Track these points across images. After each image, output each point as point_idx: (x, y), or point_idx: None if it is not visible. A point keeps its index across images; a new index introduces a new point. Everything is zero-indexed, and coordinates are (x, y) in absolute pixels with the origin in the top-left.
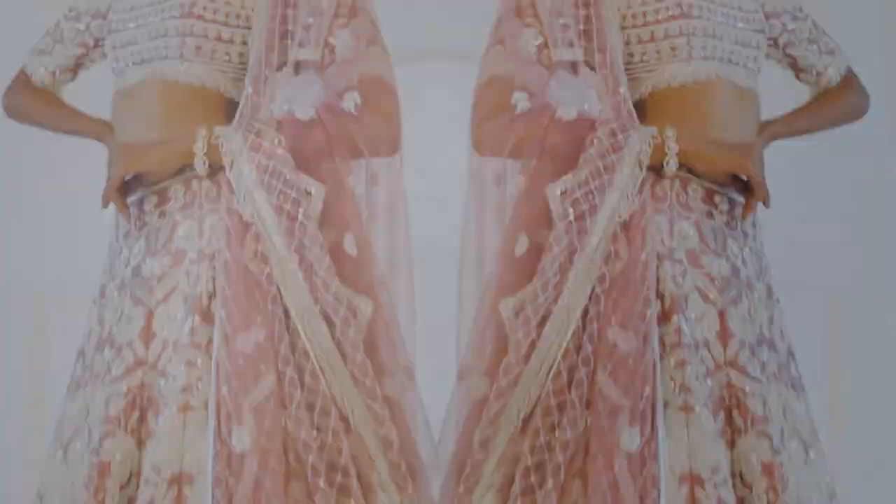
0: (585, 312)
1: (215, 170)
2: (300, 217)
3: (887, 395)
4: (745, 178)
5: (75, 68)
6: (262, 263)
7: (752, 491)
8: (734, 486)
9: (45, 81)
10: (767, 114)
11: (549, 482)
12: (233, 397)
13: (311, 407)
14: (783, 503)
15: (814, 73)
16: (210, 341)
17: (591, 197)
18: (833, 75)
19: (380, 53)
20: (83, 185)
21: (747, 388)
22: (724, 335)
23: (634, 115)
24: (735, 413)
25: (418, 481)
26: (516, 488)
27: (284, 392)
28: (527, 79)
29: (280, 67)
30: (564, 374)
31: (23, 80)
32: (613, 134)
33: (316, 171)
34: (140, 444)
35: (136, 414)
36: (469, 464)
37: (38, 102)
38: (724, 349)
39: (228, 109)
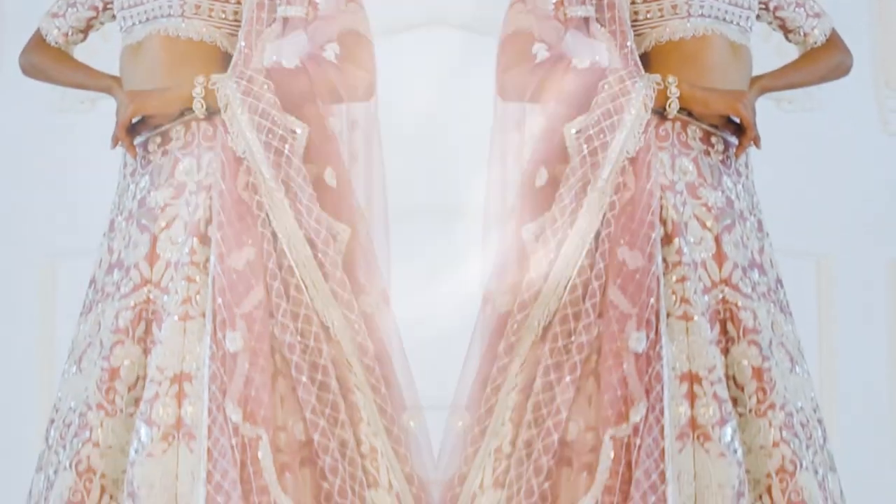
0: (598, 235)
1: (212, 113)
2: (286, 153)
3: (875, 358)
4: (738, 120)
5: (86, 29)
6: (252, 193)
7: (743, 391)
8: (728, 387)
9: (59, 41)
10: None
11: (567, 378)
12: (227, 307)
13: (295, 316)
14: (771, 402)
15: (801, 33)
16: (207, 260)
17: (602, 135)
18: (819, 36)
19: (357, 10)
20: (90, 153)
21: (740, 303)
22: (720, 257)
23: (640, 65)
24: (729, 325)
25: (392, 387)
26: (537, 385)
27: (272, 302)
28: (545, 32)
29: (270, 23)
30: (580, 287)
31: (38, 41)
32: (622, 80)
33: (300, 113)
34: (146, 352)
35: (143, 326)
36: (495, 368)
37: (52, 60)
38: (720, 269)
39: (223, 61)
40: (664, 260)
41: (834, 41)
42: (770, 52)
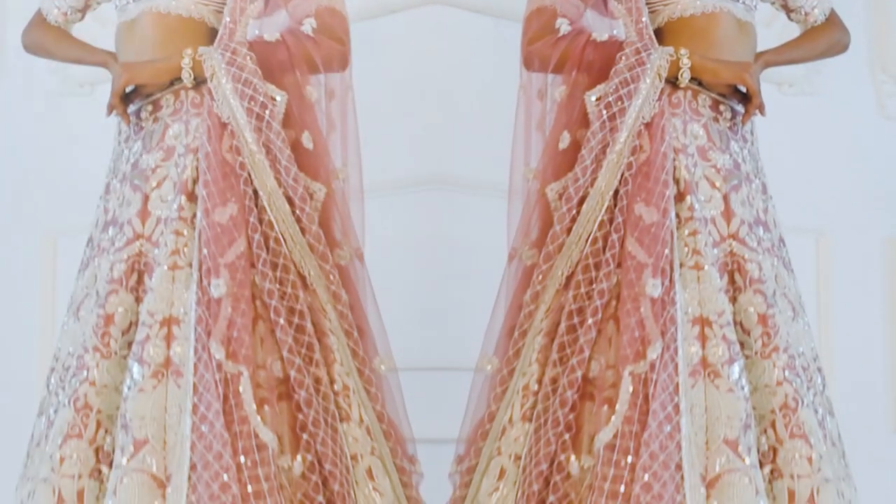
0: (616, 192)
1: (199, 82)
2: (267, 118)
3: (871, 331)
4: (744, 90)
5: (84, 9)
6: (235, 154)
7: (749, 336)
8: (735, 331)
9: (58, 20)
10: None
11: (589, 321)
12: (212, 257)
13: (274, 266)
14: (775, 345)
15: (802, 13)
16: (194, 216)
17: (620, 102)
18: (819, 15)
19: None
20: (88, 135)
21: (746, 256)
22: (727, 214)
23: (654, 39)
24: (736, 275)
25: (365, 334)
26: (562, 328)
27: (253, 253)
28: (567, 8)
29: (253, 1)
30: (600, 240)
31: (39, 20)
32: (638, 52)
33: (280, 82)
34: (138, 300)
35: (135, 276)
36: (522, 315)
37: (52, 38)
38: (728, 225)
39: (210, 35)
40: (677, 215)
41: (833, 20)
42: (772, 36)
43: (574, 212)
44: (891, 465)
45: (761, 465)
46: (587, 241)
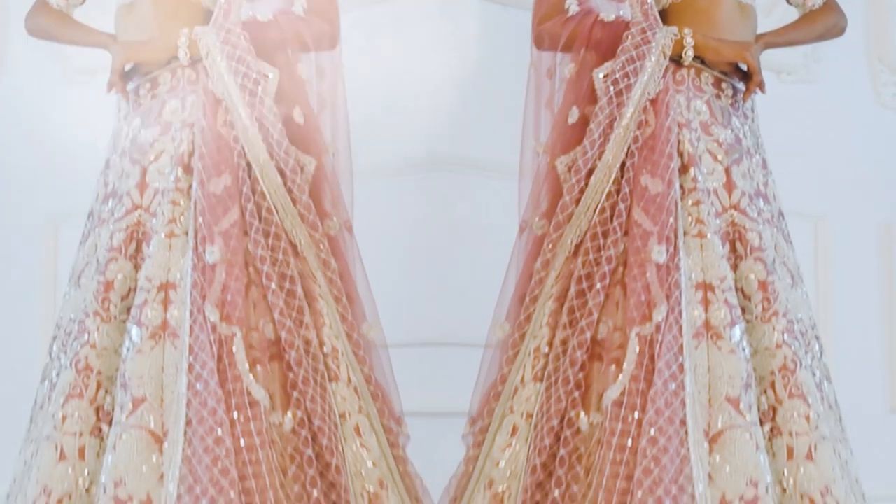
0: (623, 164)
1: (195, 60)
2: (259, 93)
3: (869, 313)
4: (745, 68)
5: None
6: (230, 129)
7: (750, 301)
8: (737, 297)
9: (60, 4)
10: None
11: (598, 286)
12: (206, 225)
13: (266, 234)
14: (774, 310)
15: None
16: (190, 187)
17: (626, 78)
18: (817, 0)
19: None
20: (89, 122)
21: (747, 226)
22: (729, 186)
23: (659, 19)
24: (737, 244)
25: (353, 301)
26: (571, 293)
27: (246, 222)
28: None
29: None
30: (608, 209)
31: (41, 4)
32: (643, 31)
33: (272, 60)
34: (136, 267)
35: (134, 245)
36: (533, 281)
37: (54, 22)
38: (729, 196)
39: (205, 16)
40: (681, 187)
41: (830, 4)
42: (771, 25)
43: (583, 183)
44: (888, 444)
45: (761, 423)
46: (595, 210)
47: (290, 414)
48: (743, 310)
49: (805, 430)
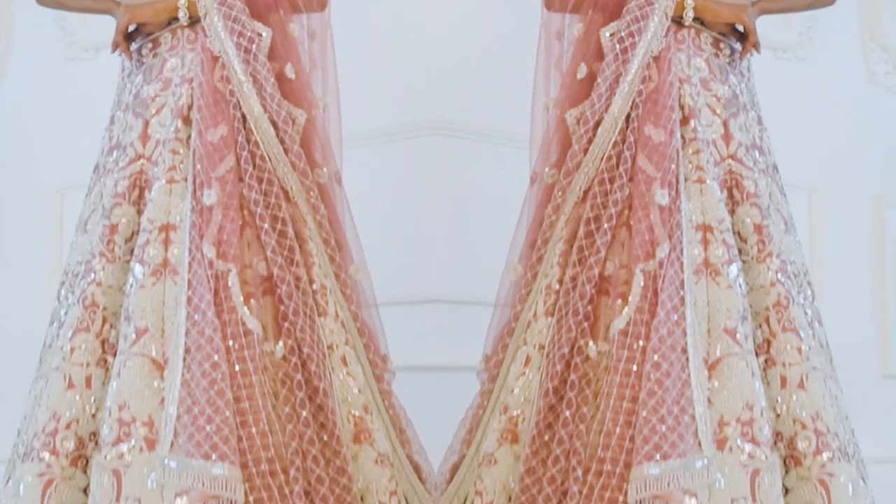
0: (628, 116)
1: (193, 20)
2: (254, 51)
3: (861, 282)
4: (741, 28)
5: None
6: (226, 83)
7: (746, 243)
8: (734, 239)
9: None
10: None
11: (605, 226)
12: (204, 171)
13: (260, 179)
14: (769, 251)
15: None
16: (189, 137)
17: (631, 37)
18: None
19: None
20: (93, 96)
21: (744, 174)
22: (727, 137)
23: None
24: (734, 191)
25: (342, 245)
26: (580, 233)
27: (241, 168)
28: None
29: None
30: (614, 157)
31: None
32: None
33: (266, 19)
34: (139, 212)
35: (137, 192)
36: (544, 225)
37: None
38: (727, 146)
39: None
40: (682, 137)
41: None
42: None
43: (590, 134)
44: (879, 409)
45: (757, 354)
46: (602, 158)
47: (281, 343)
48: (740, 251)
49: (797, 361)
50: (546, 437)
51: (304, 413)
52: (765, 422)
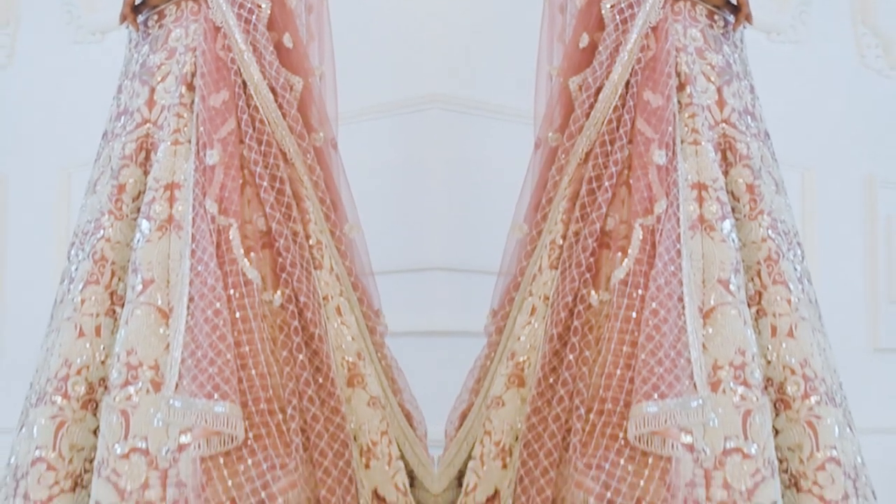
0: (627, 83)
1: None
2: (253, 21)
3: (852, 258)
4: (735, 2)
5: None
6: (227, 52)
7: (739, 201)
8: (727, 197)
9: None
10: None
11: (606, 184)
12: (207, 133)
13: (259, 141)
14: (760, 209)
15: None
16: (192, 102)
17: (630, 8)
18: None
19: None
20: (99, 78)
21: (737, 137)
22: (721, 103)
23: None
24: (728, 153)
25: (337, 205)
26: (582, 192)
27: (241, 131)
28: None
29: None
30: (615, 121)
31: None
32: None
33: None
34: (145, 174)
35: (143, 154)
36: (549, 185)
37: None
38: (721, 111)
39: None
40: (678, 102)
41: None
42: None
43: (592, 99)
44: (871, 381)
45: (749, 305)
46: (603, 122)
47: (279, 292)
48: (733, 209)
49: (787, 311)
50: (551, 380)
51: (301, 357)
52: (756, 366)
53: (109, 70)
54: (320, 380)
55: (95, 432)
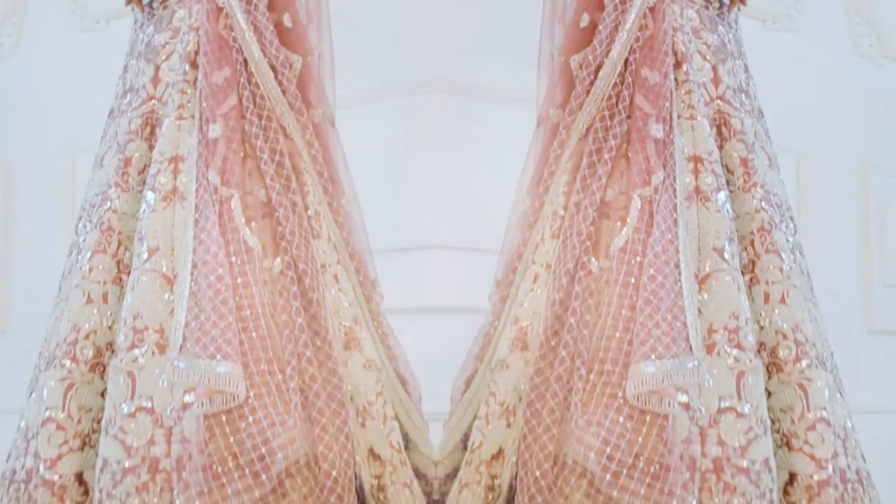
0: (626, 60)
1: None
2: (254, 2)
3: (846, 241)
4: None
5: None
6: (229, 31)
7: (733, 174)
8: (722, 170)
9: None
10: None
11: (606, 156)
12: (210, 109)
13: (260, 116)
14: (754, 181)
15: None
16: (195, 79)
17: None
18: None
19: None
20: (104, 65)
21: (731, 113)
22: (716, 80)
23: None
24: (723, 128)
25: (335, 179)
26: (583, 165)
27: (243, 107)
28: None
29: None
30: (614, 97)
31: None
32: None
33: None
34: (150, 148)
35: (148, 129)
36: (551, 158)
37: None
38: (716, 89)
39: None
40: (675, 79)
41: None
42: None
43: (592, 77)
44: (865, 362)
45: (742, 273)
46: (603, 98)
47: (278, 259)
48: (727, 182)
49: (779, 279)
50: (553, 343)
51: (300, 320)
52: (749, 330)
53: (113, 57)
54: (318, 343)
55: (103, 394)
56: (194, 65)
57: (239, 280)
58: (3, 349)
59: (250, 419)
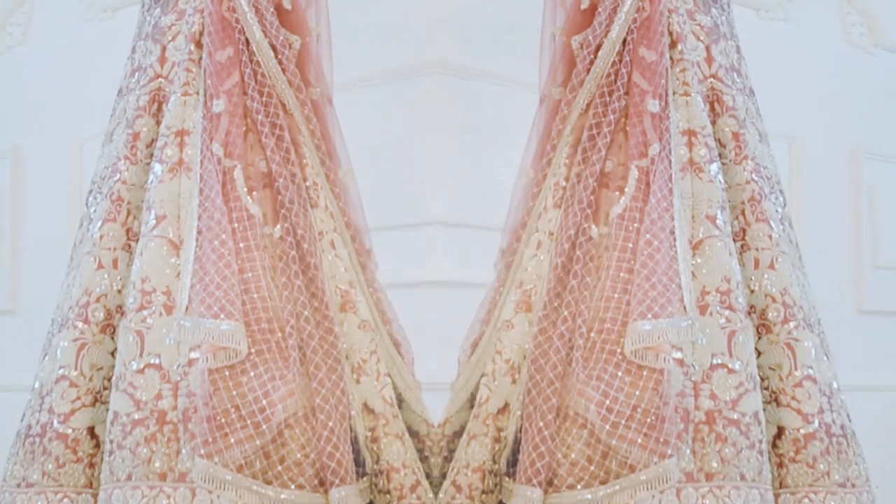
0: (624, 40)
1: None
2: None
3: (838, 225)
4: None
5: None
6: (232, 12)
7: (725, 148)
8: (715, 144)
9: None
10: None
11: (605, 130)
12: (213, 86)
13: (261, 93)
14: (745, 154)
15: None
16: (200, 58)
17: None
18: None
19: None
20: (110, 54)
21: (724, 90)
22: (709, 60)
23: None
24: (716, 105)
25: (332, 154)
26: (583, 138)
27: (244, 83)
28: None
29: None
30: (613, 75)
31: None
32: None
33: None
34: (157, 123)
35: (156, 105)
36: (553, 132)
37: None
38: (709, 67)
39: None
40: (671, 58)
41: None
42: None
43: (592, 56)
44: (856, 341)
45: (734, 240)
46: (602, 76)
47: (278, 226)
48: (720, 155)
49: (768, 246)
50: (555, 304)
51: (298, 283)
52: (740, 293)
53: (119, 46)
54: (316, 304)
55: (113, 354)
56: (199, 45)
57: (241, 245)
58: (13, 329)
59: (252, 374)
